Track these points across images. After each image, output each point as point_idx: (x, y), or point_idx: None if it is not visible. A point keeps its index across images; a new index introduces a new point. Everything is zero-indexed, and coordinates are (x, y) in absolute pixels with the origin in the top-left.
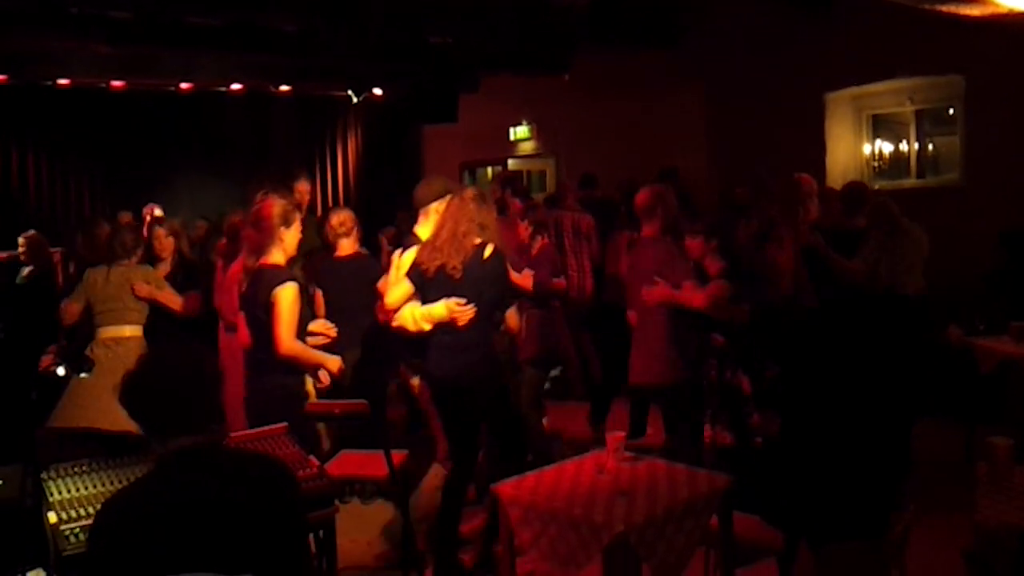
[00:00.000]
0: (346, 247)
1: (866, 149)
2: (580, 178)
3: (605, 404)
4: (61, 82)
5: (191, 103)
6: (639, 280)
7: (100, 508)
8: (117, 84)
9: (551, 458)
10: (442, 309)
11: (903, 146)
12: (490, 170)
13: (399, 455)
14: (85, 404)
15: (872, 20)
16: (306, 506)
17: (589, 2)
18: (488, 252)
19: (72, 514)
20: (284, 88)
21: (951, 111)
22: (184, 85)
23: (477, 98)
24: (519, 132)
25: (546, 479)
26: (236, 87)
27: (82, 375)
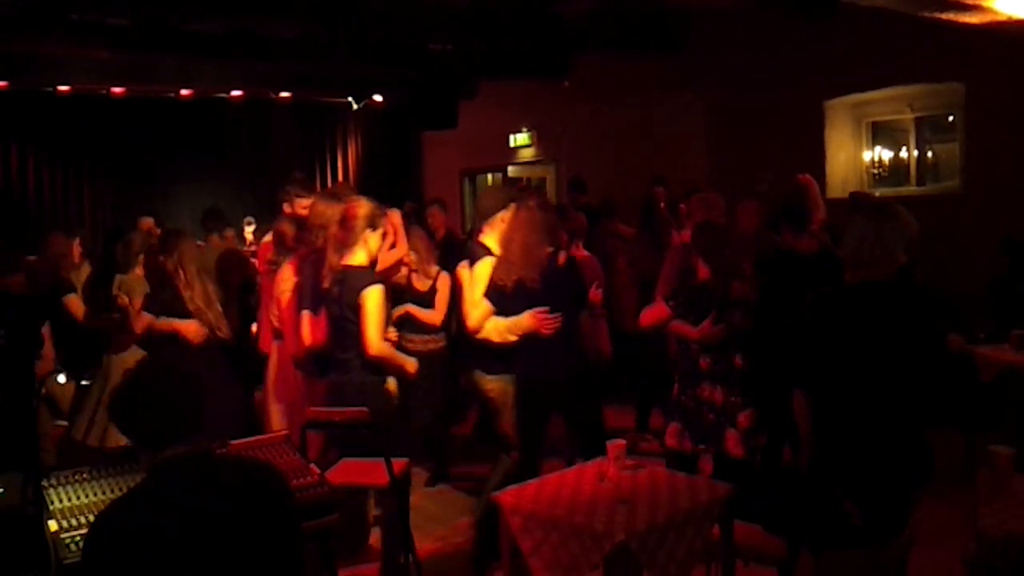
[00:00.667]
0: None
1: (866, 156)
2: (570, 181)
3: (646, 410)
4: (61, 88)
5: (191, 110)
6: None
7: (94, 520)
8: (117, 90)
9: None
10: (528, 320)
11: (903, 153)
12: (490, 177)
13: (399, 463)
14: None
15: (872, 28)
16: (302, 513)
17: (589, 9)
18: (562, 258)
19: (73, 522)
20: (284, 95)
21: (951, 118)
22: (184, 92)
23: (477, 105)
24: (519, 139)
25: (547, 487)
26: (236, 94)
27: (83, 382)
